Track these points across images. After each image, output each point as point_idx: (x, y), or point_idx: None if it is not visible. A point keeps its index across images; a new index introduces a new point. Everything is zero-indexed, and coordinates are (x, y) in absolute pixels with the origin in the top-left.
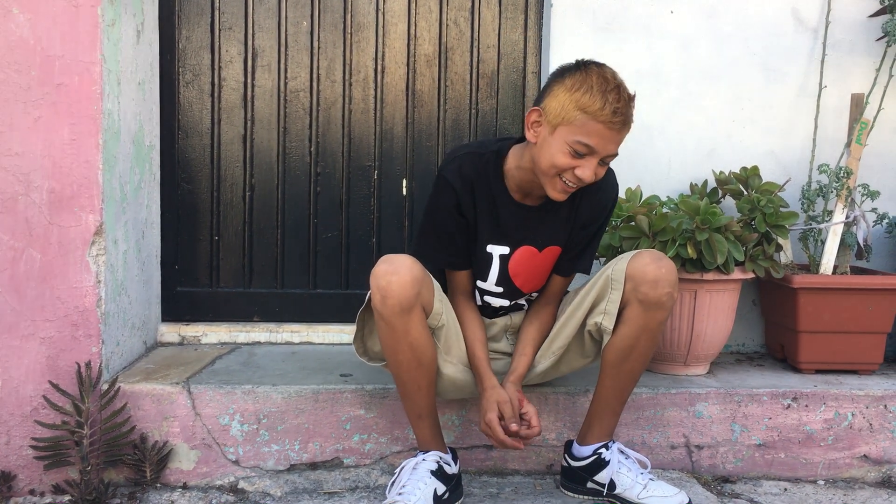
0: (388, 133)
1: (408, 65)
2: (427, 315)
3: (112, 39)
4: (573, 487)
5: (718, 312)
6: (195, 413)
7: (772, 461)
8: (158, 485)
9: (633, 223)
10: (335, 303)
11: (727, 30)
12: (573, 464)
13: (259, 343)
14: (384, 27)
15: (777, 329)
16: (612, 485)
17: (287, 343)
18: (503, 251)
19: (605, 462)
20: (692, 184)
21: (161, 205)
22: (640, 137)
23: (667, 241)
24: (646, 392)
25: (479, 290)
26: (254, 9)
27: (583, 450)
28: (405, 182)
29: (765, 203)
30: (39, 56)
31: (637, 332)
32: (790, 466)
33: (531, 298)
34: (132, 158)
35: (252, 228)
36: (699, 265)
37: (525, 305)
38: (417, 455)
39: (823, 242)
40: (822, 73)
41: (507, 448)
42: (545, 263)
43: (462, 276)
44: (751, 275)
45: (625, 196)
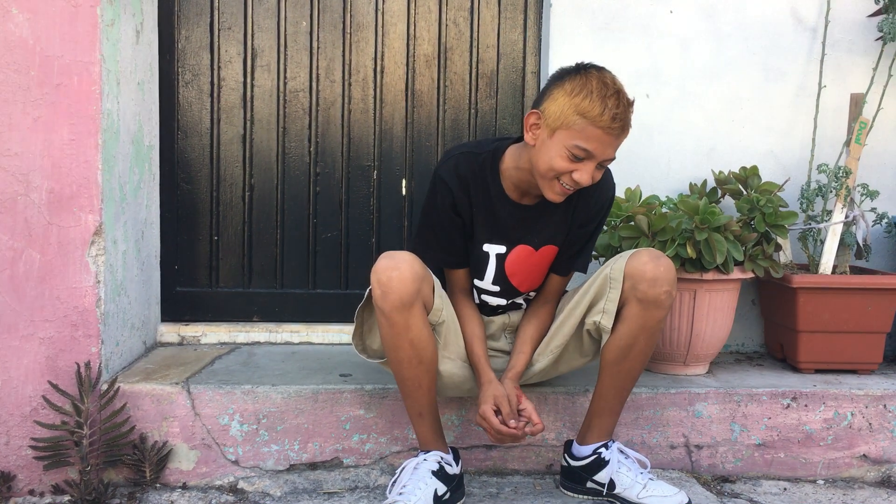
0: (388, 133)
1: (407, 65)
2: (427, 312)
3: (111, 39)
4: (573, 487)
5: (718, 312)
6: (195, 413)
7: (771, 461)
8: (158, 485)
9: (633, 223)
10: (335, 303)
11: (726, 29)
12: (573, 463)
13: (259, 343)
14: (383, 27)
15: (776, 329)
16: (612, 484)
17: (287, 343)
18: (500, 250)
19: (605, 462)
20: (691, 183)
21: (160, 205)
22: (640, 137)
23: (666, 241)
24: (645, 392)
25: (477, 289)
26: (253, 9)
27: (582, 449)
28: (405, 182)
29: (764, 203)
30: (38, 56)
31: (636, 331)
32: (790, 466)
33: (529, 298)
34: (131, 158)
35: (251, 228)
36: (698, 265)
37: (523, 305)
38: (419, 455)
39: (823, 242)
40: (822, 73)
41: (504, 437)
42: (542, 262)
43: (460, 275)
44: (750, 274)
45: (624, 196)
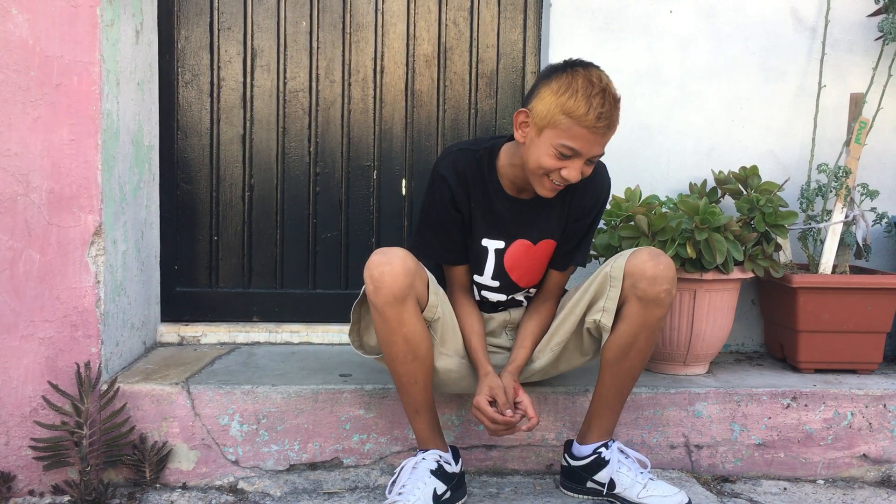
0: (388, 133)
1: (407, 65)
2: (422, 308)
3: (111, 39)
4: (573, 487)
5: (718, 312)
6: (194, 413)
7: (771, 461)
8: (158, 485)
9: (633, 223)
10: (335, 303)
11: (726, 29)
12: (573, 463)
13: (258, 343)
14: (383, 27)
15: (776, 328)
16: (612, 484)
17: (286, 343)
18: (498, 245)
19: (605, 461)
20: (691, 183)
21: (160, 205)
22: (640, 137)
23: (666, 241)
24: (645, 392)
25: (477, 285)
26: (253, 9)
27: (582, 449)
28: (404, 182)
29: (764, 202)
30: (38, 56)
31: (636, 330)
32: (790, 466)
33: (529, 295)
34: (131, 158)
35: (251, 228)
36: (698, 265)
37: (523, 302)
38: (417, 454)
39: (823, 242)
40: (822, 73)
41: (499, 428)
42: (540, 257)
43: (459, 272)
44: (750, 274)
45: (624, 196)
